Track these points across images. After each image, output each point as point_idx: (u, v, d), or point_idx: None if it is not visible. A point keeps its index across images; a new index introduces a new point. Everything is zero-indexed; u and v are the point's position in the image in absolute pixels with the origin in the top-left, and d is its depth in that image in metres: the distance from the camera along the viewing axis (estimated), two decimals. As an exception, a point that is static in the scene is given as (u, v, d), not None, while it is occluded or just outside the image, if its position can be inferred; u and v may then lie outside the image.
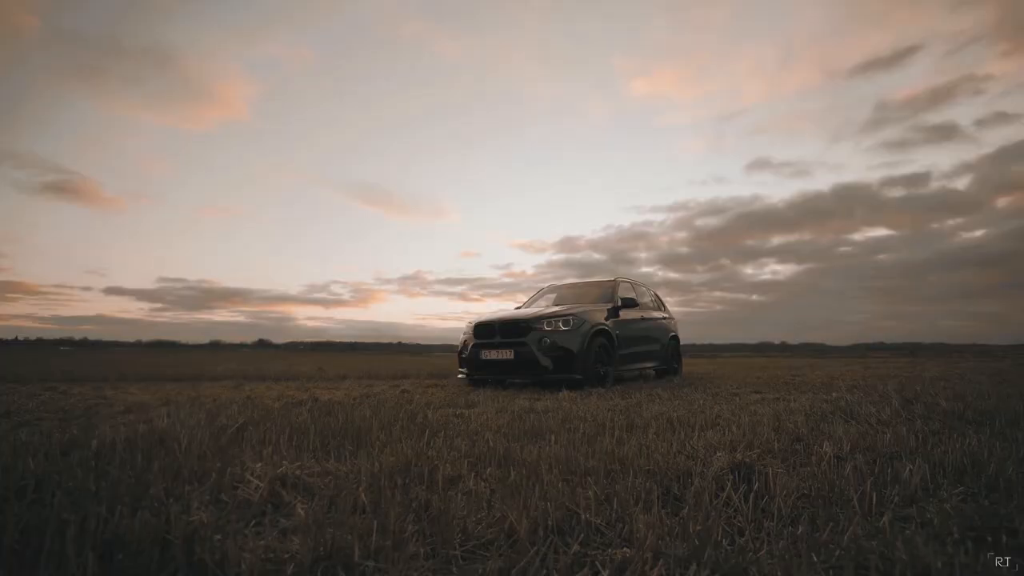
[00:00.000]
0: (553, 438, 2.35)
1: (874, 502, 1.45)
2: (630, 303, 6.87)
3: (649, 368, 7.69)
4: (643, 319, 7.41)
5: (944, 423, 2.68)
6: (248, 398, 4.66)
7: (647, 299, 8.20)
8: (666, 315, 8.53)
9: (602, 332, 6.12)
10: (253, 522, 1.29)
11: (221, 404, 3.91)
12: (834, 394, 4.56)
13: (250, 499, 1.36)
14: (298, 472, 1.63)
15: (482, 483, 1.69)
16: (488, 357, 5.92)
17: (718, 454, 1.89)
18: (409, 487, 1.54)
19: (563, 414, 3.45)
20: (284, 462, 1.62)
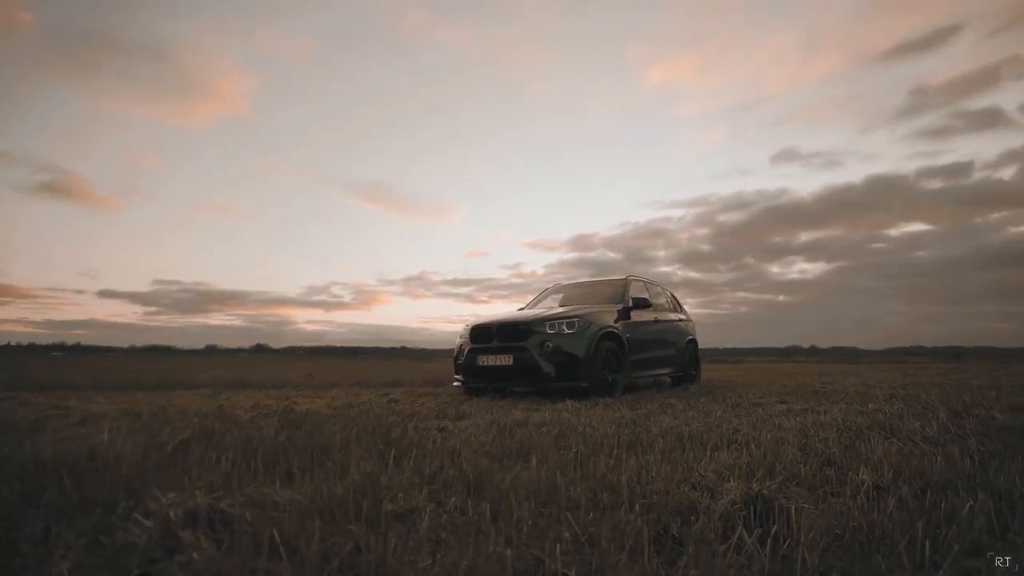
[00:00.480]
0: (535, 460, 2.12)
1: (927, 550, 1.20)
2: (642, 304, 6.61)
3: (664, 375, 7.42)
4: (657, 321, 7.14)
5: (1004, 442, 2.40)
6: (219, 408, 4.49)
7: (662, 299, 7.93)
8: (683, 317, 8.25)
9: (611, 335, 5.87)
10: (135, 572, 1.08)
11: (179, 416, 3.73)
12: (870, 405, 4.27)
13: (135, 543, 1.16)
14: (220, 504, 1.42)
15: (444, 517, 1.47)
16: (485, 363, 5.70)
17: (731, 483, 1.64)
18: (346, 523, 1.32)
19: (560, 428, 3.21)
20: (197, 493, 1.41)
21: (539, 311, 6.36)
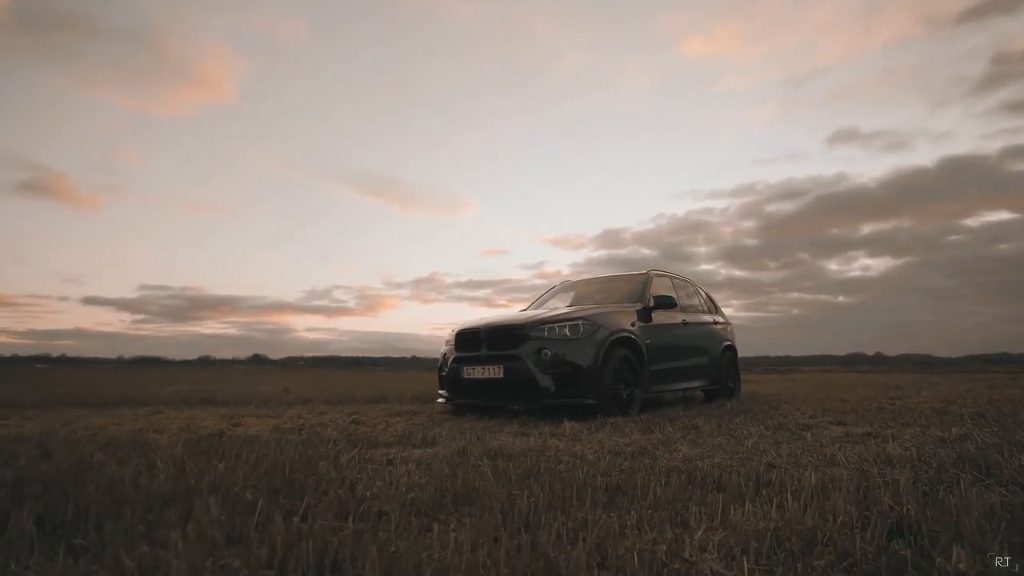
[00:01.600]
0: (442, 527, 1.62)
1: None
2: (667, 303, 6.04)
3: (695, 388, 6.84)
4: (685, 324, 6.58)
5: None
6: (139, 431, 4.12)
7: (694, 300, 7.37)
8: (718, 319, 7.66)
9: (625, 341, 5.34)
10: None
11: (74, 442, 3.35)
12: (953, 429, 3.65)
13: None
14: None
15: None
16: (471, 376, 5.22)
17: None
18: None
19: (538, 460, 2.72)
20: None
21: (538, 312, 5.86)
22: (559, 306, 6.48)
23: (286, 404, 7.18)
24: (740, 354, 8.13)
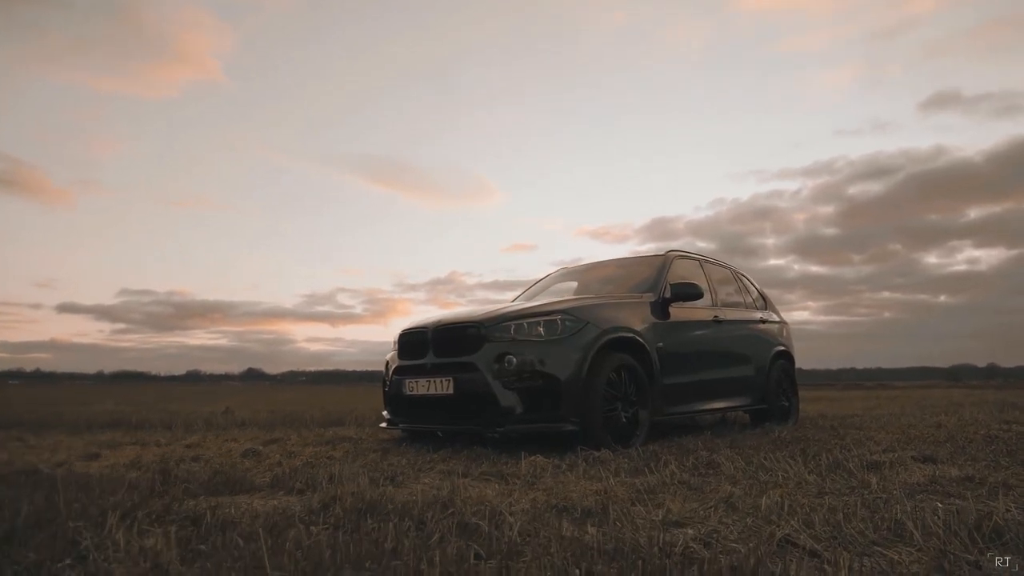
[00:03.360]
0: None
1: None
2: (690, 293, 5.15)
3: (735, 408, 5.95)
4: (718, 322, 5.70)
5: None
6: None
7: (737, 294, 6.48)
8: (768, 317, 6.73)
9: (626, 343, 4.51)
10: None
11: None
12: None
13: None
14: None
15: None
16: (413, 392, 4.47)
17: None
18: None
19: (416, 524, 1.96)
20: None
21: (504, 305, 5.07)
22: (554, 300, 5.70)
23: (212, 428, 6.62)
24: (814, 366, 7.48)
